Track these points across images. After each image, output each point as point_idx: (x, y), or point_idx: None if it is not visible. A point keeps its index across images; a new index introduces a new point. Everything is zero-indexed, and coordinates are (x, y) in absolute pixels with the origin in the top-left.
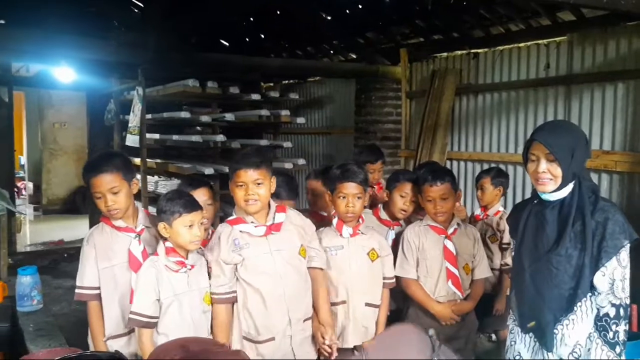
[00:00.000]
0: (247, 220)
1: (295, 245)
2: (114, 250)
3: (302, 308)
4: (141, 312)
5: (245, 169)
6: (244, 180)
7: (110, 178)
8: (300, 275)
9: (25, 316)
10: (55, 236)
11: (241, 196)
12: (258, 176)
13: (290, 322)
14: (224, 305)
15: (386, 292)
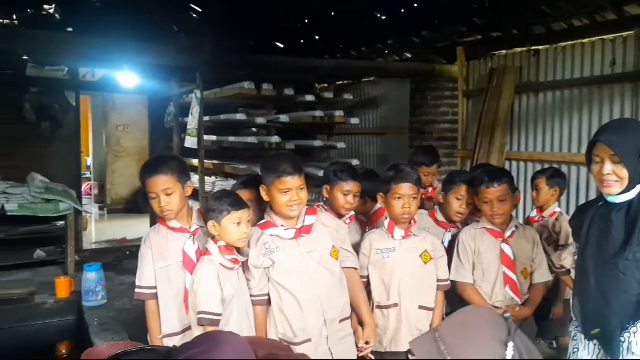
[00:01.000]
0: (277, 224)
1: (327, 246)
2: (169, 250)
3: (337, 308)
4: (211, 311)
5: (292, 176)
6: (290, 187)
7: (165, 180)
8: (333, 275)
9: (90, 311)
10: (118, 234)
11: (285, 201)
12: (301, 182)
13: (325, 323)
14: (258, 307)
15: (441, 295)
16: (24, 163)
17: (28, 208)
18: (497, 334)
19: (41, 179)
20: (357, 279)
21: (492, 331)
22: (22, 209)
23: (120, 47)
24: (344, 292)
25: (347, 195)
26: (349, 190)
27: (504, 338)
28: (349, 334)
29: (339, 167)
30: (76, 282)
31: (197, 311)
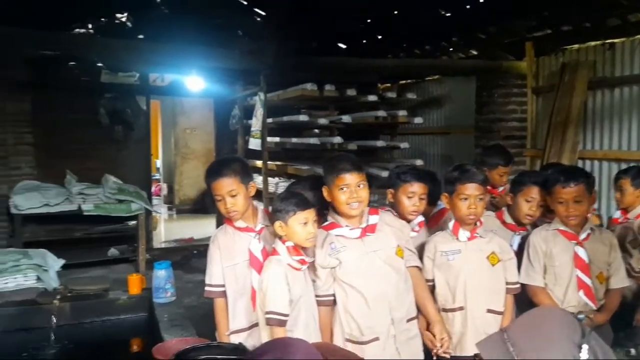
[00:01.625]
0: (342, 224)
1: (392, 245)
2: (236, 249)
3: (404, 307)
4: (278, 311)
5: (350, 173)
6: (348, 183)
7: (229, 182)
8: (399, 274)
9: (160, 307)
10: (186, 234)
11: (344, 199)
12: (359, 179)
13: (393, 322)
14: (323, 308)
15: (510, 299)
16: (99, 165)
17: (102, 208)
18: (570, 335)
19: (114, 180)
20: (421, 277)
21: (565, 332)
22: (97, 209)
23: (187, 52)
24: (409, 291)
25: (412, 198)
26: (414, 192)
27: (577, 339)
28: (416, 334)
29: (402, 168)
30: (147, 280)
31: (265, 311)
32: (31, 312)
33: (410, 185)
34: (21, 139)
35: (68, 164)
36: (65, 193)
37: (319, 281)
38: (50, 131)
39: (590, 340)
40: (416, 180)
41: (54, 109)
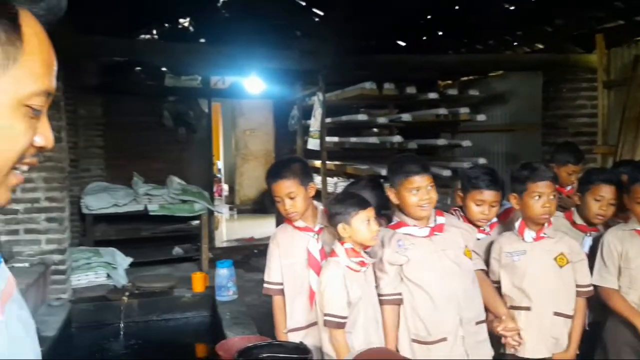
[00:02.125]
0: (409, 223)
1: (460, 245)
2: (294, 248)
3: (473, 308)
4: (336, 314)
5: (420, 175)
6: (419, 186)
7: (288, 184)
8: (468, 275)
9: (222, 305)
10: (246, 233)
11: (415, 201)
12: (430, 181)
13: (461, 322)
14: (390, 307)
15: (581, 302)
16: (163, 166)
17: (167, 208)
18: None
19: (178, 181)
20: (487, 279)
21: None
22: (162, 209)
23: (248, 54)
24: (478, 293)
25: (481, 205)
26: (483, 200)
27: None
28: (485, 339)
29: (474, 172)
30: (210, 278)
31: (323, 313)
32: (102, 308)
33: (480, 192)
34: (92, 142)
35: (134, 165)
36: (132, 194)
37: (387, 278)
38: (118, 134)
39: None
40: (487, 187)
41: (121, 112)
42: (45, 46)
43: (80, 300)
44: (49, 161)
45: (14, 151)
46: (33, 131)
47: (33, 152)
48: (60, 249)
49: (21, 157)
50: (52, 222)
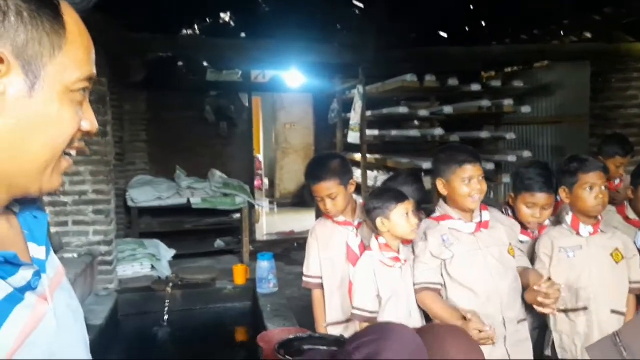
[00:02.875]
0: (455, 217)
1: (504, 242)
2: (333, 242)
3: (515, 307)
4: (363, 308)
5: (473, 164)
6: (472, 175)
7: (328, 185)
8: (511, 273)
9: (263, 297)
10: (286, 227)
11: (466, 191)
12: (481, 171)
13: (504, 322)
14: (432, 292)
15: (632, 299)
16: (205, 160)
17: (209, 201)
18: None
19: (220, 174)
20: (532, 270)
21: None
22: (204, 202)
23: (287, 48)
24: (520, 291)
25: (532, 208)
26: (535, 202)
27: None
28: (527, 338)
29: (527, 172)
30: (250, 270)
31: (351, 306)
32: (147, 298)
33: (532, 195)
34: (136, 136)
35: (177, 159)
36: (175, 187)
37: (427, 267)
38: (161, 128)
39: None
40: (540, 190)
41: (164, 107)
42: (84, 33)
43: (126, 290)
44: (95, 155)
45: (64, 135)
46: (79, 116)
47: (79, 136)
48: (107, 240)
49: (70, 142)
50: (98, 214)
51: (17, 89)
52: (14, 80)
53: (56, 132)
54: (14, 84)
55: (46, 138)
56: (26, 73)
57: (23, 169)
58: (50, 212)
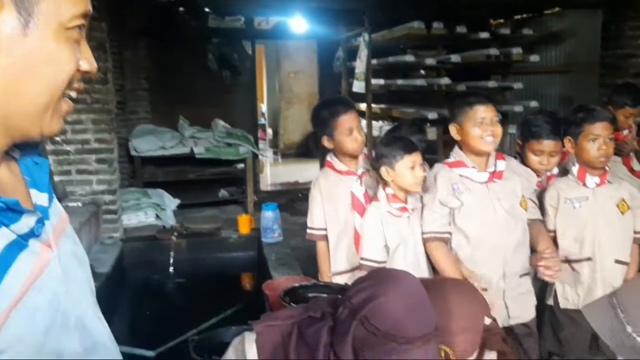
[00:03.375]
0: (468, 165)
1: (517, 195)
2: (338, 193)
3: (519, 262)
4: (372, 258)
5: (485, 105)
6: (484, 116)
7: (355, 115)
8: (520, 227)
9: (268, 247)
10: (290, 178)
11: (478, 133)
12: (494, 113)
13: (504, 276)
14: (439, 242)
15: (636, 249)
16: (208, 110)
17: (213, 151)
18: None
19: (223, 124)
20: (542, 229)
21: None
22: (208, 152)
23: None
24: (527, 245)
25: (540, 155)
26: (542, 150)
27: None
28: (529, 290)
29: (534, 119)
30: (255, 220)
31: (360, 256)
32: (152, 247)
33: (539, 143)
34: (138, 85)
35: (180, 108)
36: (178, 137)
37: (436, 216)
38: (163, 77)
39: None
40: (547, 137)
41: (166, 55)
42: None
43: (131, 239)
44: (97, 103)
45: (63, 75)
46: (77, 56)
47: (78, 77)
48: (111, 190)
49: (69, 83)
50: (102, 163)
51: (11, 27)
52: (7, 18)
53: (54, 72)
54: (7, 22)
55: (44, 78)
56: (19, 10)
57: (22, 110)
58: (53, 162)
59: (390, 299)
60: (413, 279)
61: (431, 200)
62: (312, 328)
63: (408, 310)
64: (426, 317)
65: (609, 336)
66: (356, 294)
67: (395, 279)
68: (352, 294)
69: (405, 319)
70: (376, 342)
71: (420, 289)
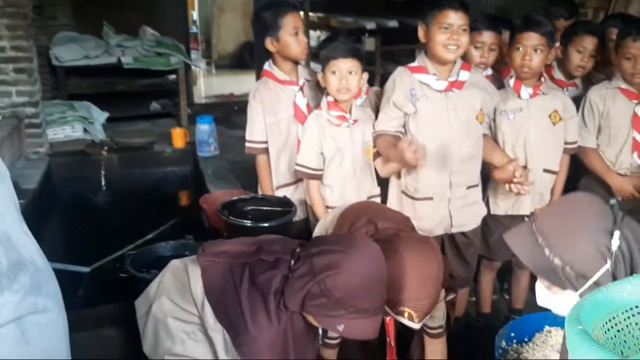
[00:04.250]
0: (430, 71)
1: (475, 108)
2: (280, 105)
3: (466, 174)
4: (306, 165)
5: (456, 11)
6: (452, 22)
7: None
8: (472, 140)
9: (204, 161)
10: (225, 89)
11: (443, 40)
12: (464, 21)
13: (451, 186)
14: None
15: (566, 159)
16: (134, 15)
17: (142, 61)
18: (601, 223)
19: (152, 32)
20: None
21: (595, 220)
22: (137, 62)
23: None
24: (478, 158)
25: (480, 48)
26: (483, 42)
27: (609, 227)
28: (475, 201)
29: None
30: (190, 134)
31: (295, 163)
32: (82, 162)
33: (479, 34)
34: None
35: (104, 14)
36: (103, 45)
37: (387, 117)
38: None
39: (622, 226)
40: (486, 28)
41: None
42: None
43: (59, 154)
44: (10, 6)
45: None
46: None
47: None
48: (32, 102)
49: None
50: (20, 73)
51: None
52: None
53: None
54: None
55: None
56: None
57: None
58: None
59: (352, 272)
60: (378, 255)
61: (386, 102)
62: (265, 274)
63: (364, 286)
64: (379, 293)
65: (529, 260)
66: (320, 254)
67: (361, 252)
68: (315, 251)
69: (359, 293)
70: (327, 304)
71: (381, 266)
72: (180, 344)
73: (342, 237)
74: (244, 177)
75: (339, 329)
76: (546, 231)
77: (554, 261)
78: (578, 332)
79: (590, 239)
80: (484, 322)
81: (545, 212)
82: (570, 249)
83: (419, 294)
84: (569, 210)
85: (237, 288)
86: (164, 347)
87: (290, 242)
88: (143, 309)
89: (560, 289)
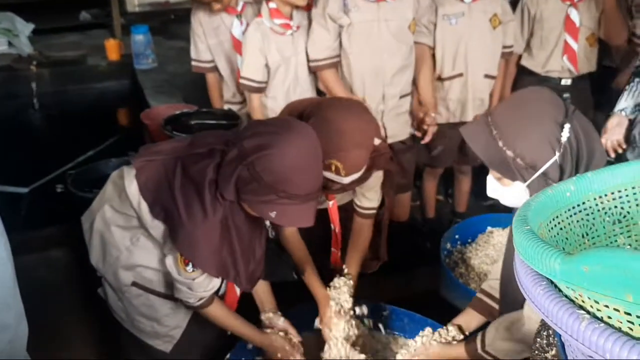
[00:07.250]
0: None
1: (407, 17)
2: (220, 29)
3: (399, 84)
4: (251, 77)
5: None
6: None
7: None
8: (404, 50)
9: (142, 74)
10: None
11: None
12: None
13: (384, 98)
14: (330, 70)
15: (503, 63)
16: None
17: None
18: (552, 115)
19: None
20: (428, 56)
21: (547, 111)
22: None
23: None
24: (410, 68)
25: None
26: None
27: (560, 119)
28: (406, 110)
29: None
30: (125, 46)
31: (239, 76)
32: (10, 79)
33: None
34: None
35: None
36: None
37: (326, 35)
38: None
39: (572, 119)
40: None
41: None
42: None
43: None
44: None
45: None
46: None
47: None
48: None
49: None
50: None
51: None
52: None
53: None
54: None
55: None
56: None
57: None
58: None
59: (282, 153)
60: (311, 138)
61: (320, 16)
62: (197, 165)
63: (295, 169)
64: (313, 178)
65: (483, 152)
66: (250, 137)
67: (294, 134)
68: (246, 135)
69: (290, 177)
70: (257, 189)
71: (315, 150)
72: (127, 251)
73: (275, 119)
74: (186, 90)
75: (271, 215)
76: (500, 123)
77: (506, 152)
78: (525, 232)
79: (542, 130)
80: (430, 226)
81: (501, 105)
82: (522, 139)
83: (346, 145)
84: (523, 102)
85: (171, 182)
86: (111, 257)
87: (225, 134)
88: (87, 222)
89: (510, 180)
